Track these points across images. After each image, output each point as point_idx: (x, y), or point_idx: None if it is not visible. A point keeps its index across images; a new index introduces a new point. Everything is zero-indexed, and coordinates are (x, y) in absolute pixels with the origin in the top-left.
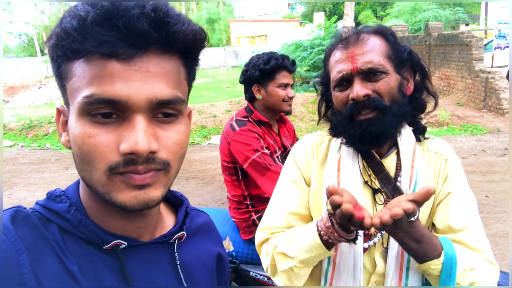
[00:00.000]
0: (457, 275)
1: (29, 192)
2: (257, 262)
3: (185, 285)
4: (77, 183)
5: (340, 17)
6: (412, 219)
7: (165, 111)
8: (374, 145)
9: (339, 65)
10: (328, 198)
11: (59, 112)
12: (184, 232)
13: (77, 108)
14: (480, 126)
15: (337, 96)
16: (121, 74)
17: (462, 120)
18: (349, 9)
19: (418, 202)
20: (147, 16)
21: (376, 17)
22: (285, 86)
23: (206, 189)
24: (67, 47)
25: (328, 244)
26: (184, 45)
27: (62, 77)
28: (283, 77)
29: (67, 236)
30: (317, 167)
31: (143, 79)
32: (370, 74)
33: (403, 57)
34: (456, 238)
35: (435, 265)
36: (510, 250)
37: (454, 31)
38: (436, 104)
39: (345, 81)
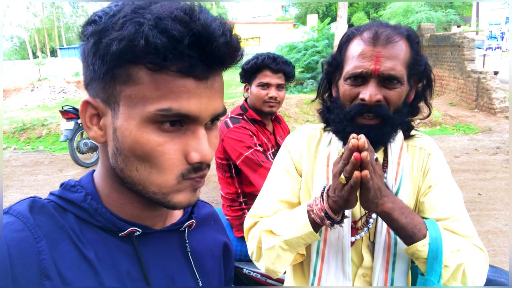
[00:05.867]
0: (444, 257)
1: (23, 194)
2: (250, 260)
3: (196, 271)
4: (91, 173)
5: (334, 19)
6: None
7: (213, 120)
8: None
9: (360, 60)
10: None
11: (86, 104)
12: (193, 221)
13: (145, 116)
14: (472, 126)
15: (347, 89)
16: (196, 92)
17: (455, 119)
18: (342, 11)
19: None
20: (229, 43)
21: (369, 19)
22: (267, 85)
23: (201, 189)
24: (149, 59)
25: (315, 226)
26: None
27: (115, 78)
28: (264, 77)
29: (84, 225)
30: (308, 161)
31: (210, 96)
32: (387, 80)
33: (420, 70)
34: (443, 226)
35: (422, 246)
36: (510, 249)
37: (446, 32)
38: (429, 114)
39: (361, 78)
